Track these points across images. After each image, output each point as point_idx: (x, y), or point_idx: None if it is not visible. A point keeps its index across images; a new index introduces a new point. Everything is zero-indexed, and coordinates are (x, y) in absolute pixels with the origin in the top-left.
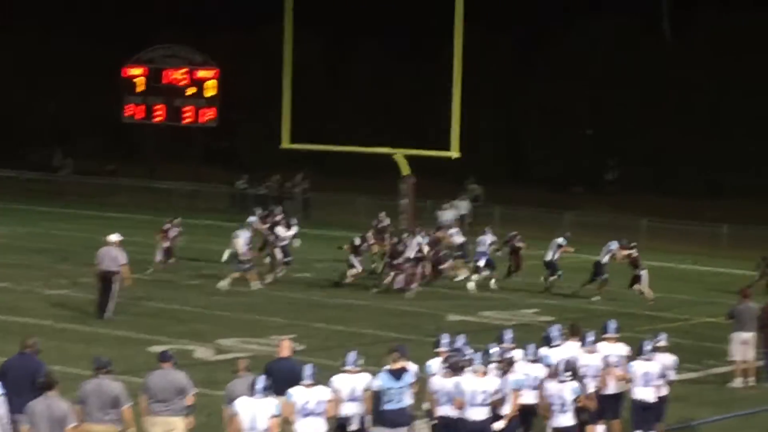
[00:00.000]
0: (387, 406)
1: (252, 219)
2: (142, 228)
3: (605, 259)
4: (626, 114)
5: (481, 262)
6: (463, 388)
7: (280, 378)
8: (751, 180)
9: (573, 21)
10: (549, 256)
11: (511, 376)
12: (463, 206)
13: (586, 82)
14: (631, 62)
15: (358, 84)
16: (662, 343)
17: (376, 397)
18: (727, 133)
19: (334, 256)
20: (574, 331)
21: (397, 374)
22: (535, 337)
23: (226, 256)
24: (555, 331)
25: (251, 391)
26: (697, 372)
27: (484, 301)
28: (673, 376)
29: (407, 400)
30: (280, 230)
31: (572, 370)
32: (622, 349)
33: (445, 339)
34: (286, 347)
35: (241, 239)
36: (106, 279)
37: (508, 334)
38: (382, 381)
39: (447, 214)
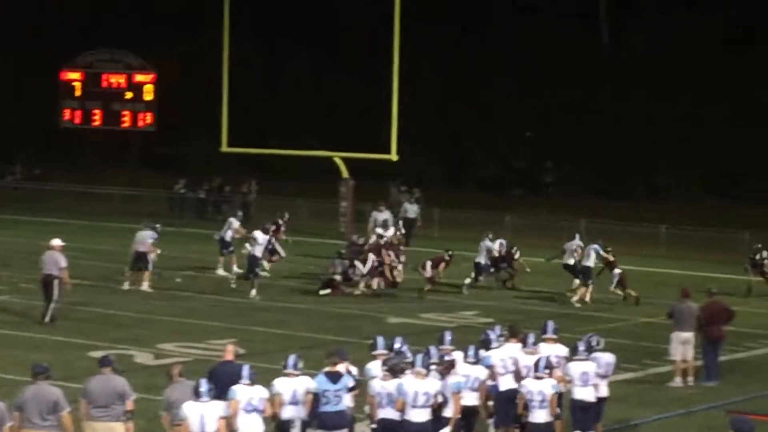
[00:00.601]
0: (325, 408)
1: (233, 222)
2: (82, 233)
3: (589, 262)
4: (565, 116)
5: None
6: (405, 389)
7: (225, 381)
8: (687, 182)
9: (510, 22)
10: (481, 258)
11: (451, 379)
12: (412, 210)
13: (524, 83)
14: (569, 64)
15: (298, 88)
16: (598, 343)
17: (315, 400)
18: (663, 135)
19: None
20: (513, 333)
21: (334, 377)
22: (475, 338)
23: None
24: (493, 332)
25: (196, 395)
26: (636, 372)
27: (424, 303)
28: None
29: (346, 402)
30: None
31: (551, 367)
32: (561, 349)
33: (381, 341)
34: (230, 351)
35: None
36: (47, 283)
37: (448, 336)
38: (318, 383)
39: (383, 216)
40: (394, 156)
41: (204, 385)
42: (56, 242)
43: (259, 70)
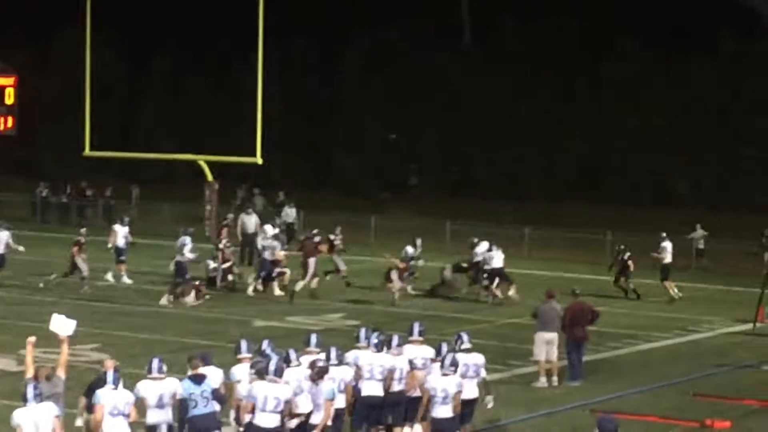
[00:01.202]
0: (194, 412)
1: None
2: None
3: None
4: (427, 118)
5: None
6: (254, 393)
7: None
8: (550, 184)
9: (373, 23)
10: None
11: (325, 385)
12: (290, 214)
13: (389, 85)
14: (432, 66)
15: (161, 91)
16: (466, 345)
17: (183, 405)
18: (526, 138)
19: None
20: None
21: (198, 379)
22: (341, 341)
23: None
24: (363, 333)
25: (24, 401)
26: (501, 372)
27: (290, 306)
28: (483, 374)
29: (214, 405)
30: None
31: (456, 365)
32: (427, 351)
33: (245, 345)
34: (109, 365)
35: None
36: None
37: (314, 339)
38: (184, 387)
39: (252, 219)
40: (259, 159)
41: (30, 391)
42: None
43: (120, 72)
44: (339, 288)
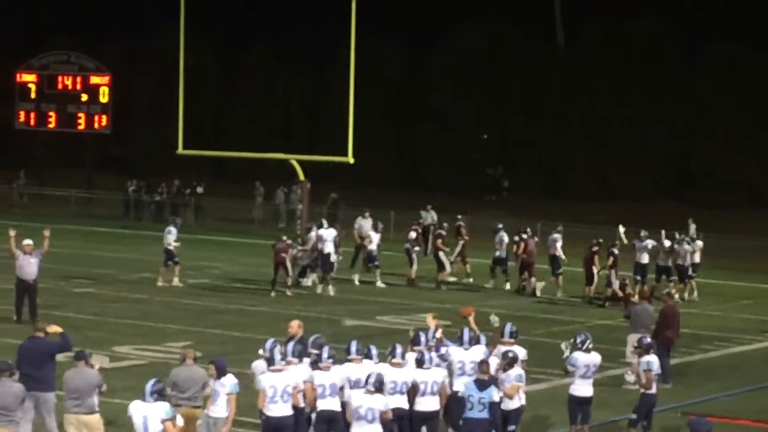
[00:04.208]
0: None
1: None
2: (38, 235)
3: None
4: (518, 119)
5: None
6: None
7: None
8: (640, 184)
9: (464, 23)
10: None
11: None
12: (429, 217)
13: (480, 85)
14: (523, 66)
15: (253, 90)
16: (588, 344)
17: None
18: (616, 138)
19: (229, 261)
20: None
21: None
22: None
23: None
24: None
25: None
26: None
27: (380, 305)
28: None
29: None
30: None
31: (380, 383)
32: (519, 352)
33: (354, 346)
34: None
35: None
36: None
37: (354, 346)
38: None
39: (368, 223)
40: (350, 159)
41: (153, 386)
42: (29, 242)
43: (214, 71)
44: (431, 287)
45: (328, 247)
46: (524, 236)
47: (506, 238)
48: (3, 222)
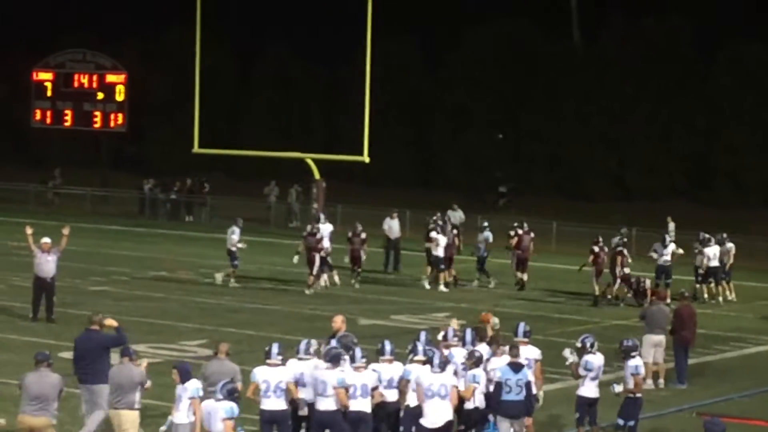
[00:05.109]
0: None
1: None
2: (55, 234)
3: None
4: (533, 117)
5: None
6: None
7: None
8: (657, 183)
9: (479, 21)
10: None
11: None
12: (456, 216)
13: (495, 84)
14: (539, 64)
15: (268, 89)
16: (592, 345)
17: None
18: (633, 137)
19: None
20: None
21: None
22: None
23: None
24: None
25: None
26: (607, 374)
27: (395, 305)
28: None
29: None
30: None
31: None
32: (533, 351)
33: (420, 344)
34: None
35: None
36: (45, 284)
37: (388, 346)
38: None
39: (396, 224)
40: (366, 158)
41: (223, 385)
42: (47, 240)
43: (229, 70)
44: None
45: (323, 242)
46: (519, 231)
47: (491, 238)
48: (31, 221)
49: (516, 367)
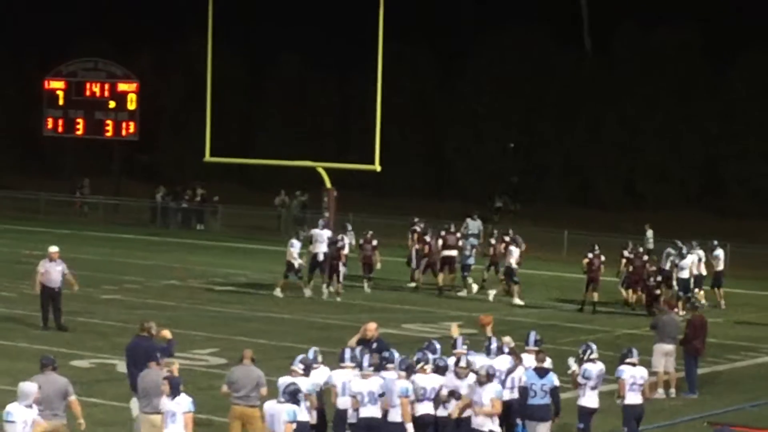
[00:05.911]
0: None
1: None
2: (65, 242)
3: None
4: (545, 126)
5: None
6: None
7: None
8: (670, 192)
9: (492, 30)
10: None
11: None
12: (475, 225)
13: (508, 93)
14: (551, 73)
15: (280, 98)
16: (593, 354)
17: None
18: (645, 145)
19: (255, 268)
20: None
21: None
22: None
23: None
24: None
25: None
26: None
27: (406, 313)
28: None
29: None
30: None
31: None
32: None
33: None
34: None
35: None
36: (52, 292)
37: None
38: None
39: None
40: (377, 167)
41: (285, 387)
42: (54, 249)
43: (240, 79)
44: (454, 295)
45: (318, 248)
46: (506, 239)
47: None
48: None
49: (541, 372)
